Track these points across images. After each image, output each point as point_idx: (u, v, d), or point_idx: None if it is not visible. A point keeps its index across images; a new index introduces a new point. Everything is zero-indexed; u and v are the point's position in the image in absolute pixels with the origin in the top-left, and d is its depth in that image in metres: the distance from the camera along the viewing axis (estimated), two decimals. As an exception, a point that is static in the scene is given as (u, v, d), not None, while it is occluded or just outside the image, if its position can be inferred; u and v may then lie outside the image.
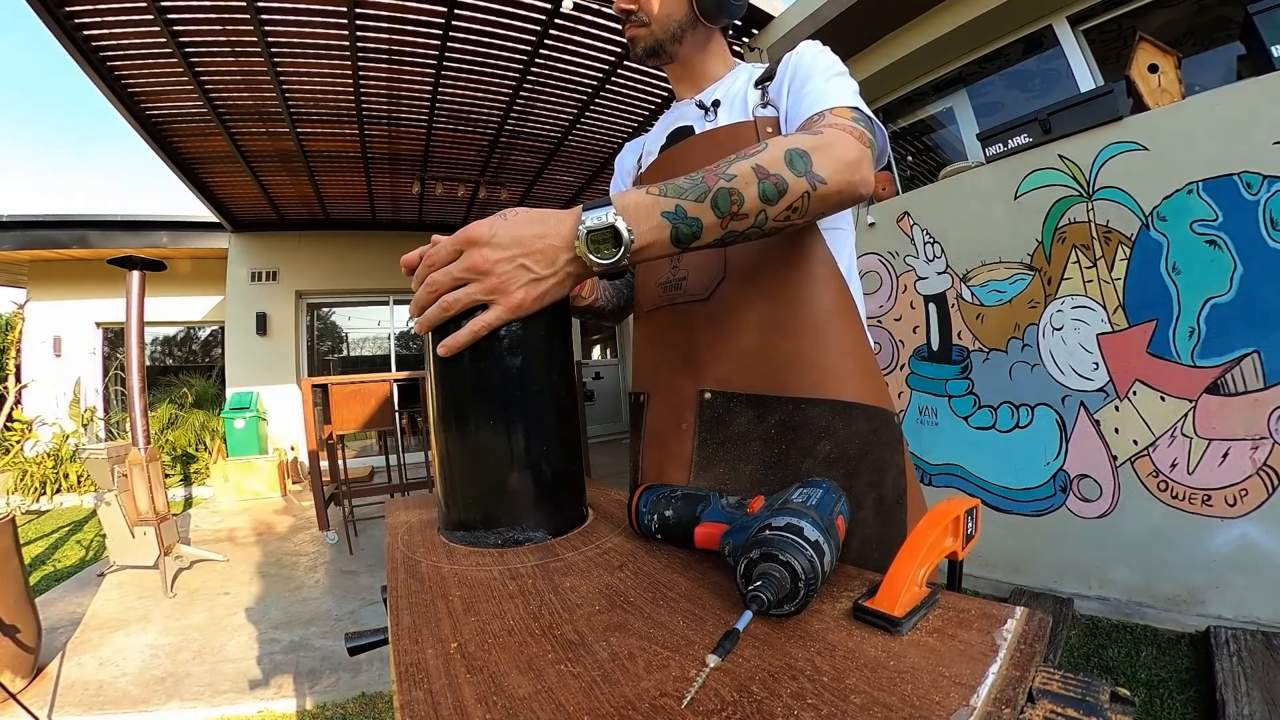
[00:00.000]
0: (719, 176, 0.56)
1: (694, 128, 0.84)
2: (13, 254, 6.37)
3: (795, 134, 0.67)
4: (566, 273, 0.53)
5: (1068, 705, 0.30)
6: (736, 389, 0.73)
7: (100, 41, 3.29)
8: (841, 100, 0.71)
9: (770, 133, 0.76)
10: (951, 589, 0.48)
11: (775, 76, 0.79)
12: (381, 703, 1.88)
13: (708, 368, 0.75)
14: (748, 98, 0.81)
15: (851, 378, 0.71)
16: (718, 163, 0.58)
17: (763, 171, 0.56)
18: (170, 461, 6.28)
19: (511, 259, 0.51)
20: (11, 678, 1.91)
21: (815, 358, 0.71)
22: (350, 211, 6.63)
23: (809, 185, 0.58)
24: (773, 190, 0.56)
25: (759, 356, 0.72)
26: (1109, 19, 2.56)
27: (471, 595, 0.47)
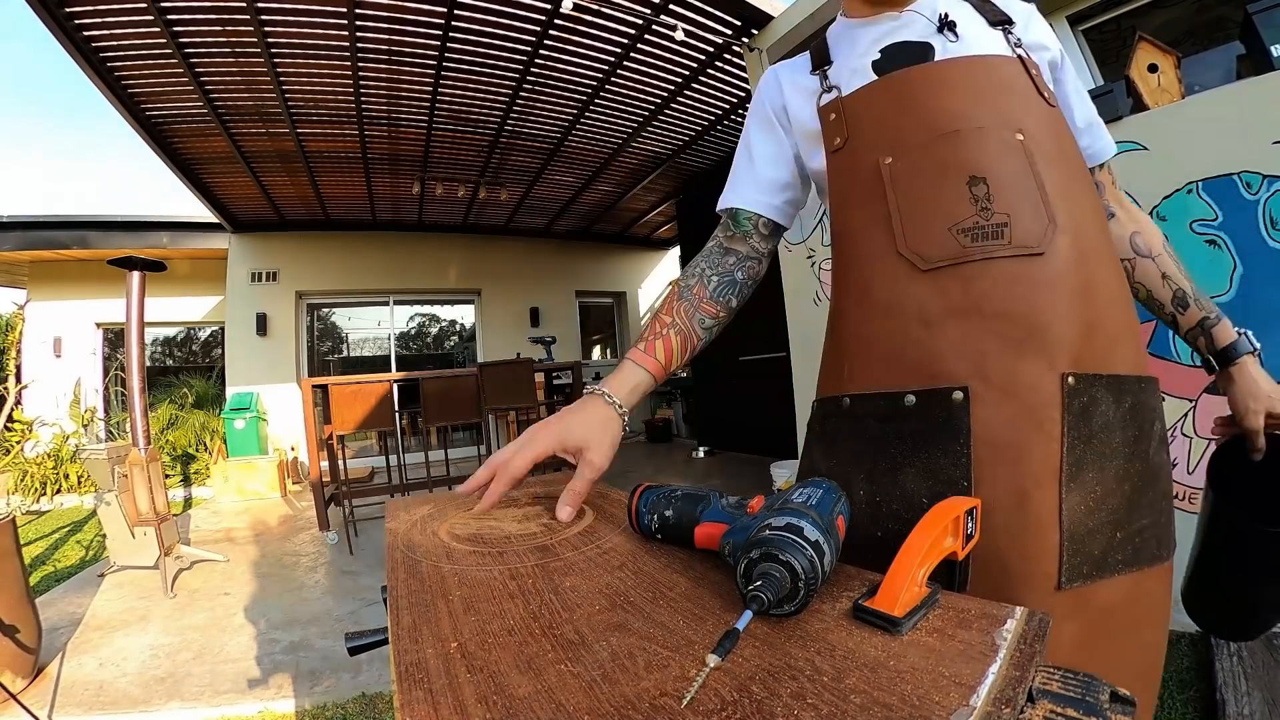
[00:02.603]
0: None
1: (932, 46, 0.68)
2: (13, 254, 6.37)
3: (1155, 228, 0.82)
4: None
5: (1068, 705, 0.30)
6: (1095, 369, 0.60)
7: (100, 42, 3.30)
8: (1113, 148, 0.79)
9: (1039, 80, 0.67)
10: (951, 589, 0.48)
11: (1014, 24, 0.71)
12: (381, 703, 1.88)
13: (1060, 345, 0.59)
14: (983, 30, 0.70)
15: (1143, 348, 0.67)
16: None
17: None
18: (170, 462, 6.28)
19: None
20: (12, 678, 1.91)
21: (1133, 327, 0.66)
22: (350, 211, 6.63)
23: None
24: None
25: (1104, 328, 0.62)
26: (1109, 19, 2.56)
27: (471, 595, 0.47)
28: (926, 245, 0.62)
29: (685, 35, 3.39)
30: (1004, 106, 0.64)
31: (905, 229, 0.63)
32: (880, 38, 0.71)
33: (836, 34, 0.78)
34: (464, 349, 8.26)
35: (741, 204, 0.80)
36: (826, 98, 0.72)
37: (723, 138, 5.31)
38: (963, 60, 0.66)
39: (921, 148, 0.64)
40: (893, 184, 0.64)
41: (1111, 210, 0.83)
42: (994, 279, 0.60)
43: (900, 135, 0.65)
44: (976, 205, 0.61)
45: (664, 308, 0.77)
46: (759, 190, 0.79)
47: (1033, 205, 0.61)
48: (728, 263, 0.80)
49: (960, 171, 0.62)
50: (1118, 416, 0.61)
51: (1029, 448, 0.58)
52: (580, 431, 0.65)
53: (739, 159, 0.83)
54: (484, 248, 7.72)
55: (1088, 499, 0.59)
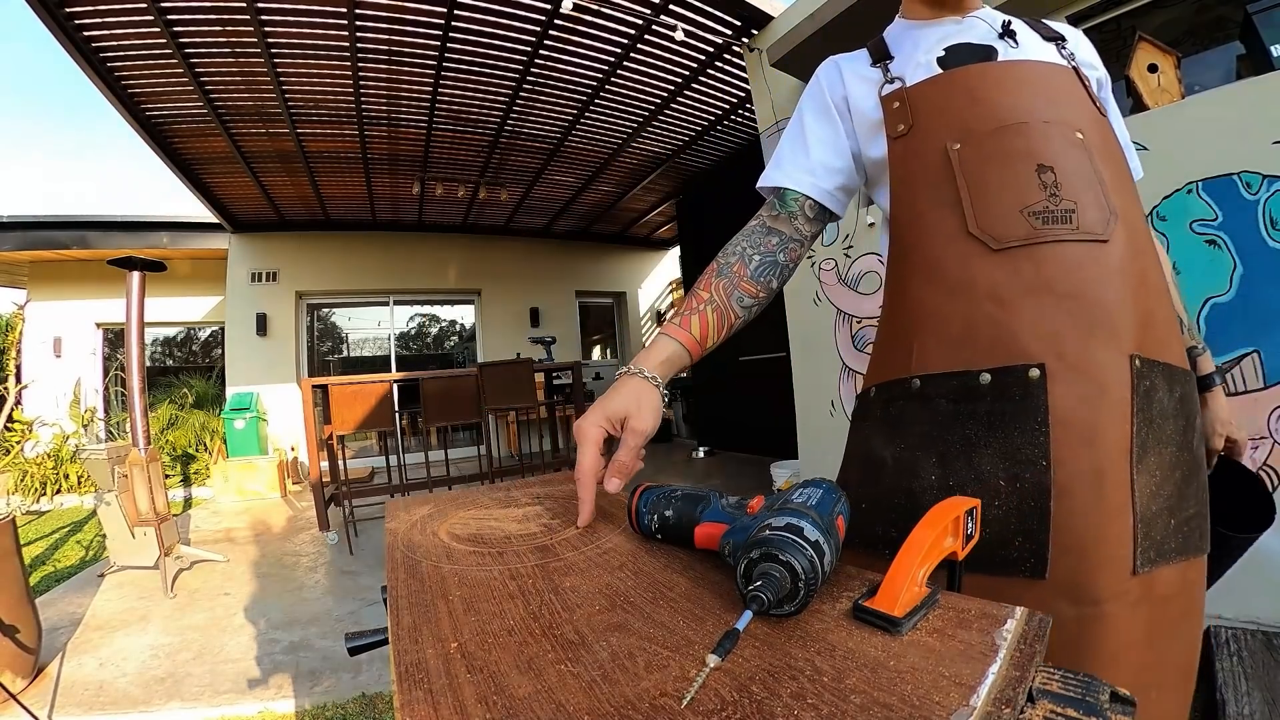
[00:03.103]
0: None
1: (995, 49, 0.71)
2: (13, 254, 6.37)
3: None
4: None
5: (1068, 705, 0.30)
6: (1154, 356, 0.61)
7: (100, 42, 3.30)
8: (1140, 171, 0.79)
9: (1092, 90, 0.72)
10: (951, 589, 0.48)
11: (1067, 41, 0.76)
12: (381, 703, 1.88)
13: (1127, 329, 0.60)
14: (1039, 42, 0.74)
15: (1183, 343, 0.70)
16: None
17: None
18: (170, 462, 6.28)
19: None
20: (12, 678, 1.91)
21: (1176, 322, 0.68)
22: (350, 211, 6.63)
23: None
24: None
25: (1158, 318, 0.64)
26: (1108, 19, 2.56)
27: (471, 595, 0.47)
28: (999, 226, 0.63)
29: (685, 35, 3.38)
30: (1064, 107, 0.68)
31: (976, 211, 0.64)
32: (944, 38, 0.74)
33: (896, 34, 0.80)
34: (464, 349, 8.26)
35: (790, 184, 0.79)
36: (889, 88, 0.74)
37: (723, 138, 5.31)
38: (1026, 63, 0.70)
39: (990, 136, 0.66)
40: (962, 168, 0.66)
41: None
42: (1065, 261, 0.61)
43: (968, 124, 0.67)
44: (1045, 191, 0.62)
45: (701, 283, 0.75)
46: (810, 172, 0.78)
47: (1095, 196, 0.63)
48: (770, 243, 0.78)
49: (1029, 159, 0.64)
50: (1171, 404, 0.62)
51: (1104, 427, 0.58)
52: (619, 404, 0.66)
53: (788, 141, 0.82)
54: (484, 248, 7.72)
55: (1151, 482, 0.59)
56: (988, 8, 0.78)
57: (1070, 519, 0.57)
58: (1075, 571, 0.56)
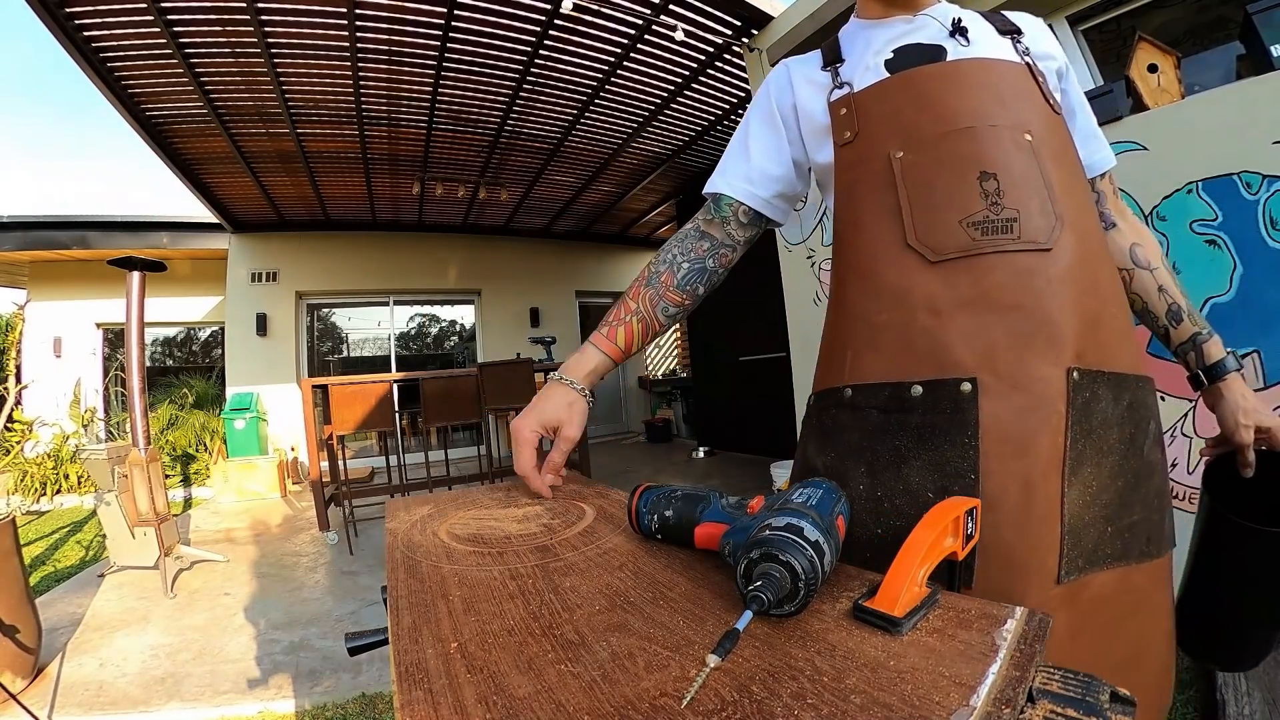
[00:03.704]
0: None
1: (944, 48, 0.70)
2: (13, 255, 6.37)
3: (1155, 241, 0.83)
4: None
5: (1068, 705, 0.30)
6: (1096, 366, 0.61)
7: (100, 42, 3.30)
8: (1112, 159, 0.82)
9: (1046, 87, 0.70)
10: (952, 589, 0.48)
11: (1023, 34, 0.73)
12: (382, 703, 1.88)
13: (1066, 340, 0.60)
14: (993, 37, 0.72)
15: (1140, 347, 0.69)
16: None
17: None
18: (170, 462, 6.28)
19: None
20: (11, 678, 1.91)
21: (1130, 327, 0.68)
22: (350, 211, 6.63)
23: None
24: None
25: (1105, 326, 0.63)
26: (1108, 19, 2.56)
27: (471, 595, 0.47)
28: (937, 237, 0.62)
29: (685, 35, 3.38)
30: (1014, 108, 0.66)
31: (915, 221, 0.64)
32: (894, 39, 0.72)
33: (849, 34, 0.79)
34: (464, 349, 8.26)
35: (726, 190, 0.81)
36: (838, 93, 0.73)
37: (723, 138, 5.30)
38: (975, 61, 0.68)
39: (934, 142, 0.65)
40: (904, 177, 0.65)
41: (1113, 220, 0.83)
42: (1004, 272, 0.60)
43: (912, 130, 0.66)
44: (987, 200, 0.62)
45: (631, 291, 0.81)
46: (747, 179, 0.80)
47: (1040, 202, 0.62)
48: (701, 248, 0.81)
49: (972, 166, 0.63)
50: (1116, 413, 0.63)
51: (1036, 440, 0.58)
52: (553, 413, 0.76)
53: (734, 146, 0.83)
54: (484, 248, 7.72)
55: (1085, 493, 0.60)
56: (944, 3, 0.76)
57: (998, 531, 0.57)
58: (1001, 581, 0.57)
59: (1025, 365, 0.59)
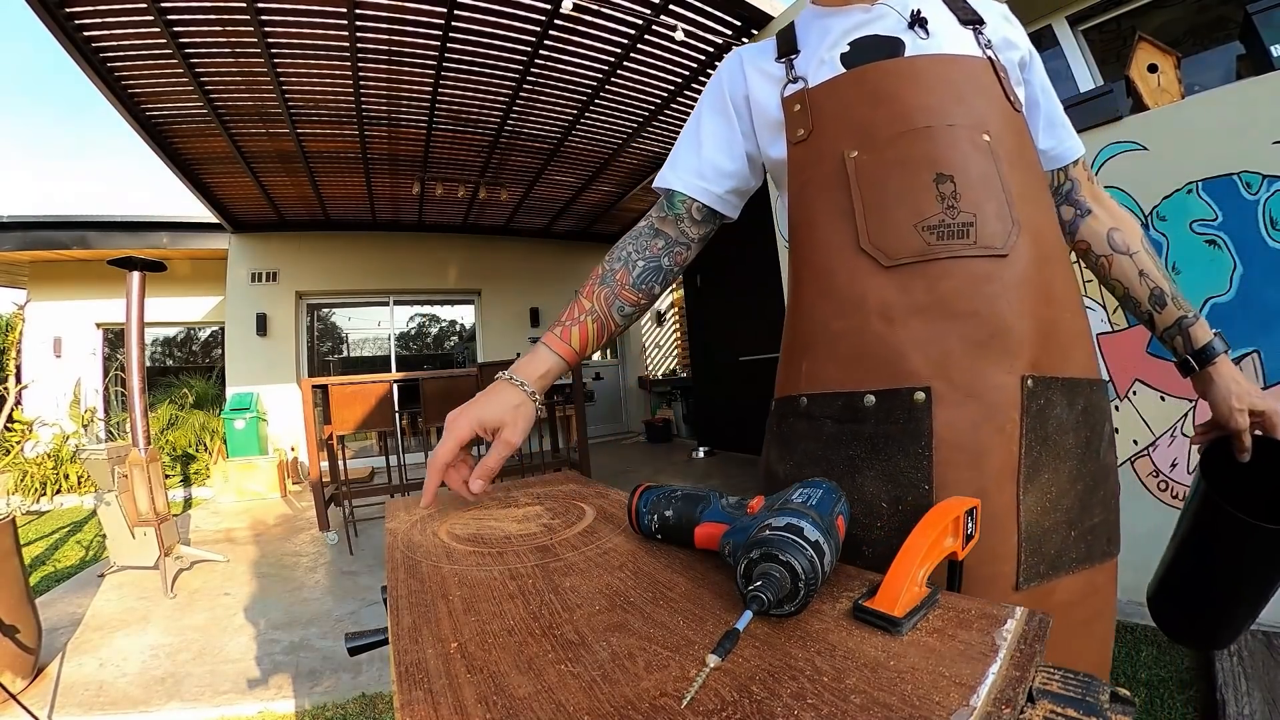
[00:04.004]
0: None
1: (902, 41, 0.67)
2: (13, 255, 6.37)
3: (1135, 225, 0.81)
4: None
5: (1068, 705, 0.30)
6: (1051, 372, 0.61)
7: (100, 42, 3.30)
8: (1081, 147, 0.80)
9: (1007, 83, 0.67)
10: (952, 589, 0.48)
11: (985, 24, 0.70)
12: (382, 703, 1.88)
13: (1022, 347, 0.59)
14: (954, 28, 0.69)
15: (1094, 351, 0.69)
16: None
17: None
18: (170, 462, 6.28)
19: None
20: (11, 678, 1.91)
21: (1086, 331, 0.67)
22: (350, 211, 6.63)
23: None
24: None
25: (1060, 331, 0.63)
26: (1108, 19, 2.57)
27: (471, 595, 0.47)
28: (891, 241, 0.61)
29: (685, 35, 3.39)
30: (973, 106, 0.64)
31: (869, 224, 0.62)
32: (850, 30, 0.69)
33: (805, 22, 0.75)
34: (464, 349, 8.26)
35: (679, 185, 0.78)
36: (792, 88, 0.70)
37: (723, 138, 5.30)
38: (934, 58, 0.66)
39: (889, 142, 0.63)
40: (858, 178, 0.63)
41: (1088, 207, 0.82)
42: (959, 278, 0.59)
43: (867, 129, 0.64)
44: (943, 203, 0.60)
45: (585, 290, 0.77)
46: (699, 175, 0.77)
47: (997, 206, 0.61)
48: (656, 246, 0.78)
49: (928, 167, 0.61)
50: (1071, 418, 0.62)
51: (990, 449, 0.57)
52: (496, 413, 0.70)
53: (685, 139, 0.79)
54: (484, 248, 7.72)
55: (1043, 500, 0.59)
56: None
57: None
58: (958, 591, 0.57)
59: (980, 373, 0.58)
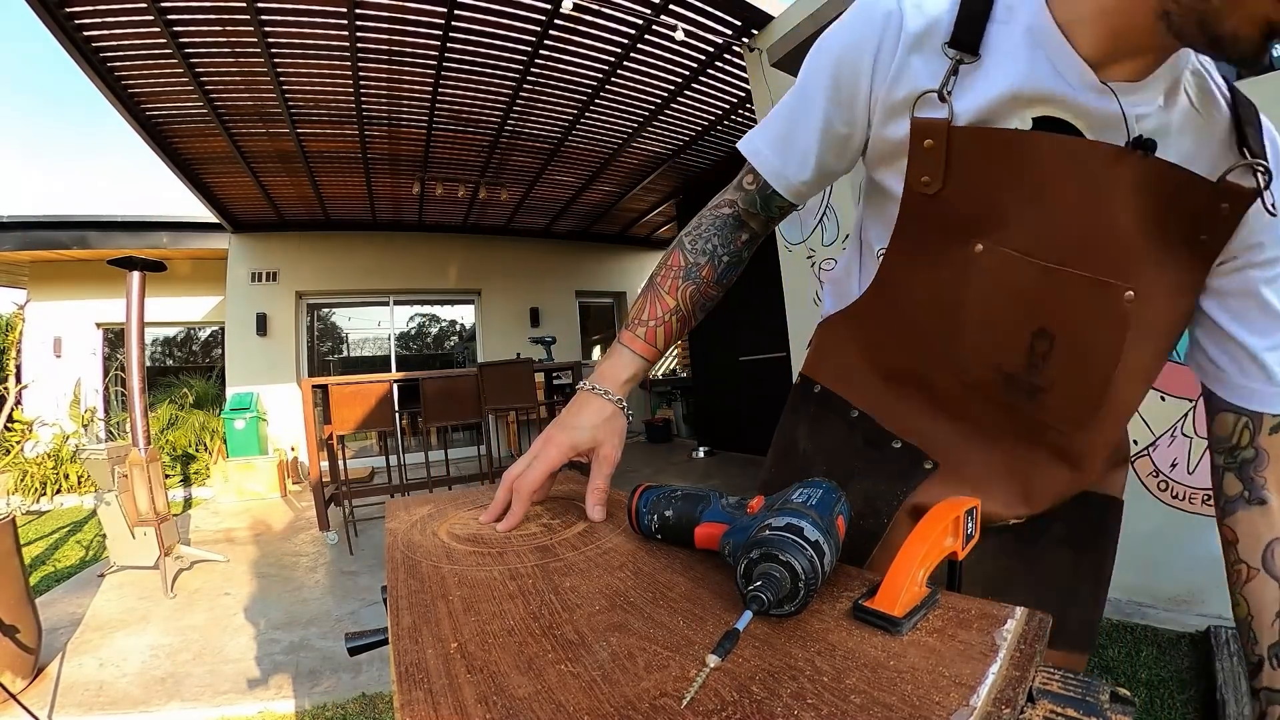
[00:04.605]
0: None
1: (1079, 132, 0.51)
2: (13, 254, 6.37)
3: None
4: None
5: (1068, 705, 0.30)
6: (1042, 511, 0.68)
7: (100, 42, 3.30)
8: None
9: (1215, 234, 0.52)
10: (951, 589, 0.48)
11: (1266, 174, 0.51)
12: (382, 703, 1.88)
13: (1029, 503, 0.66)
14: (1211, 137, 0.53)
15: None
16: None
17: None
18: (170, 462, 6.28)
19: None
20: (12, 678, 1.91)
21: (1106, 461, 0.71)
22: (350, 211, 6.63)
23: None
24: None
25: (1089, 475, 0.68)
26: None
27: (471, 595, 0.47)
28: (960, 363, 0.59)
29: (685, 35, 3.39)
30: (1139, 248, 0.52)
31: (949, 346, 0.59)
32: (1035, 83, 0.50)
33: (1014, 19, 0.52)
34: (464, 349, 8.26)
35: (785, 191, 0.65)
36: (931, 112, 0.53)
37: (723, 138, 5.30)
38: (1149, 163, 0.50)
39: (1015, 265, 0.53)
40: (966, 279, 0.55)
41: (1264, 496, 0.60)
42: (1006, 434, 0.61)
43: (1006, 230, 0.53)
44: (1029, 357, 0.55)
45: (667, 285, 0.69)
46: (807, 168, 0.63)
47: (1083, 399, 0.56)
48: (740, 239, 0.70)
49: (1034, 317, 0.54)
50: (1054, 532, 0.68)
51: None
52: (589, 434, 0.65)
53: (799, 116, 0.62)
54: (484, 248, 7.72)
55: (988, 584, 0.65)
56: (1154, 80, 0.50)
57: (882, 559, 0.62)
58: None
59: (984, 503, 0.56)
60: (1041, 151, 0.51)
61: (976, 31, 0.52)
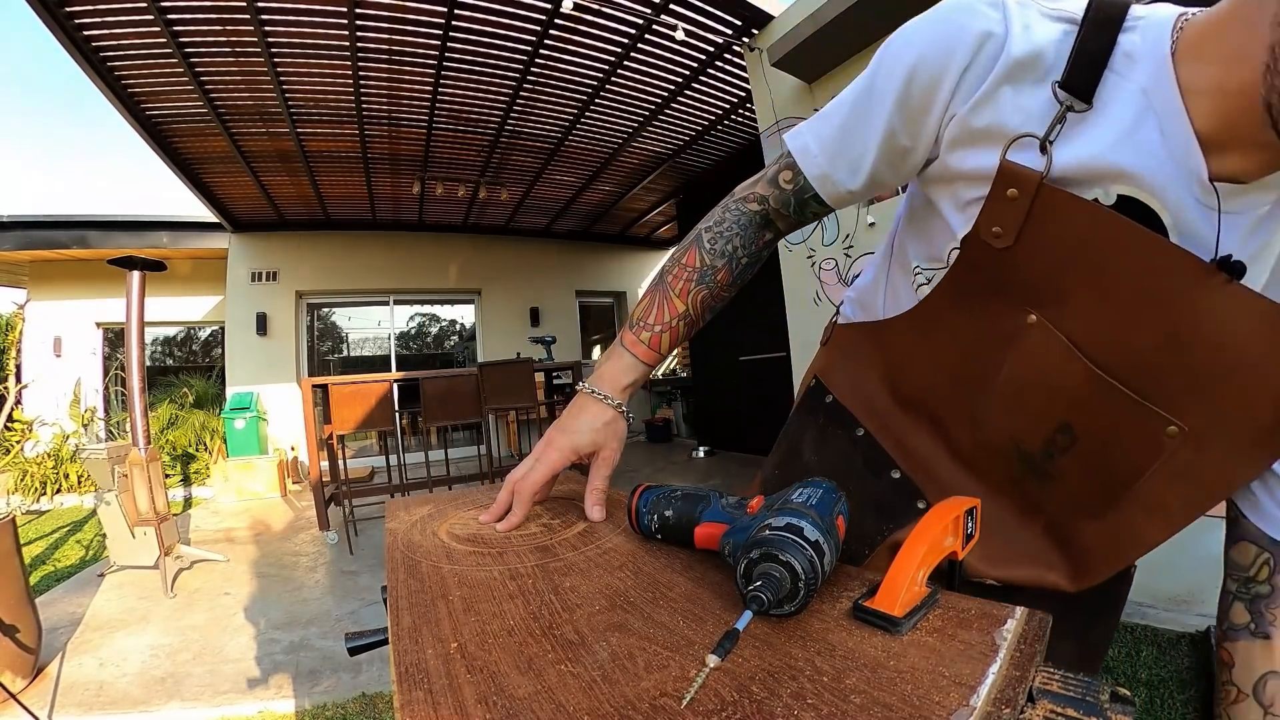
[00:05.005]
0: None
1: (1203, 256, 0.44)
2: (13, 254, 6.37)
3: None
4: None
5: (1068, 705, 0.30)
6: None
7: (100, 41, 3.30)
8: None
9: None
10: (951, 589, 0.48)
11: None
12: (382, 703, 1.88)
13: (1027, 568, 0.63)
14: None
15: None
16: None
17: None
18: (170, 462, 6.28)
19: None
20: (12, 678, 1.91)
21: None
22: (350, 211, 6.63)
23: None
24: None
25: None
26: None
27: (471, 595, 0.47)
28: (986, 433, 0.58)
29: (685, 35, 3.39)
30: (1201, 386, 0.46)
31: (976, 407, 0.57)
32: (1181, 176, 0.44)
33: (1143, 83, 0.44)
34: (464, 349, 8.26)
35: (829, 196, 0.61)
36: (1024, 155, 0.46)
37: (723, 137, 5.31)
38: (1237, 292, 0.43)
39: (1061, 352, 0.49)
40: (1009, 346, 0.53)
41: (1270, 632, 0.57)
42: (1009, 511, 0.59)
43: (1064, 310, 0.49)
44: (1045, 444, 0.54)
45: (678, 288, 0.66)
46: (858, 177, 0.58)
47: (1087, 504, 0.54)
48: (764, 239, 0.67)
49: (1066, 410, 0.51)
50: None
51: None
52: (590, 437, 0.66)
53: (860, 117, 0.56)
54: (484, 248, 7.72)
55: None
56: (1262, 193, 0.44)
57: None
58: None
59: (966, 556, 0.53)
60: (1127, 242, 0.45)
61: (1094, 77, 0.45)
